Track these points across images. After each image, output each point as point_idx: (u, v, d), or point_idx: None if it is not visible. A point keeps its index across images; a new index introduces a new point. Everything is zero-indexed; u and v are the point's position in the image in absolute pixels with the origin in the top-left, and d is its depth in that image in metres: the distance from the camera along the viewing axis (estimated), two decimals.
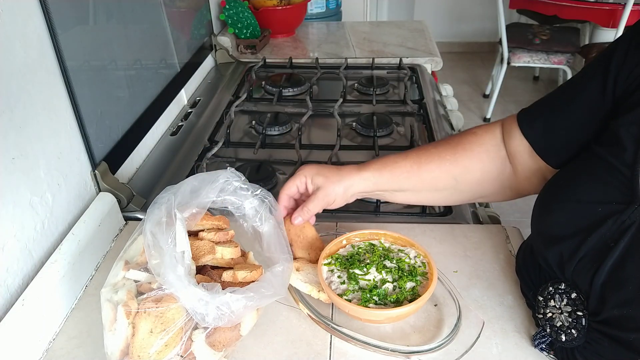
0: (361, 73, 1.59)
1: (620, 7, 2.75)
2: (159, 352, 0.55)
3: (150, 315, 0.55)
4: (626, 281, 0.53)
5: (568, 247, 0.58)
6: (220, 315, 0.55)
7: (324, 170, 0.75)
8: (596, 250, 0.55)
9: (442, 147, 0.76)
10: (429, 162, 0.74)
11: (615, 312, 0.54)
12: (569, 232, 0.58)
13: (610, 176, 0.56)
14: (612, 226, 0.54)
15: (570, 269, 0.58)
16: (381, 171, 0.75)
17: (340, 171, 0.75)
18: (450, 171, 0.74)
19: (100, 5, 0.97)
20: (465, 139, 0.75)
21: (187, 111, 1.35)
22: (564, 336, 0.60)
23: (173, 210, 0.60)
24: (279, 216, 0.70)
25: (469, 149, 0.74)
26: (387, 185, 0.76)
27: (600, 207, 0.55)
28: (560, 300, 0.61)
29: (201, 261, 0.64)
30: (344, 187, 0.74)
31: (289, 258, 0.66)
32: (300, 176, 0.75)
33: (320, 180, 0.74)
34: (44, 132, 0.76)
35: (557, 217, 0.60)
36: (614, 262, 0.54)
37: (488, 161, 0.74)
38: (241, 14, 1.71)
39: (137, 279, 0.60)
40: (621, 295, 0.53)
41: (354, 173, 0.74)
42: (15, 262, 0.69)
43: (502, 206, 2.55)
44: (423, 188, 0.76)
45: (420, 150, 0.77)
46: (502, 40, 3.11)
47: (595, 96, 0.62)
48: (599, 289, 0.55)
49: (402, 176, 0.75)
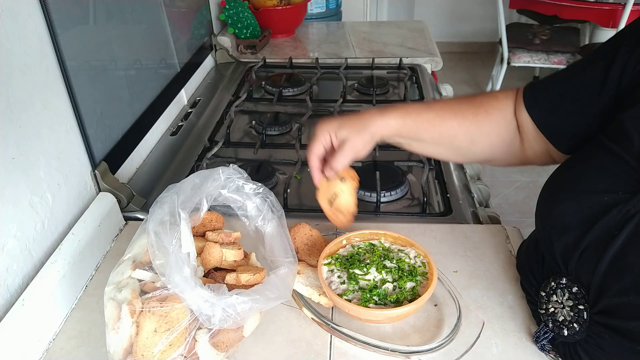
0: (361, 73, 1.59)
1: (620, 7, 2.75)
2: (163, 351, 0.55)
3: (154, 315, 0.55)
4: (627, 269, 0.53)
5: (573, 237, 0.58)
6: (226, 317, 0.56)
7: (346, 121, 0.73)
8: (600, 239, 0.55)
9: (465, 105, 0.75)
10: (452, 118, 0.74)
11: (616, 300, 0.54)
12: (575, 222, 0.58)
13: (617, 166, 0.56)
14: (616, 215, 0.54)
15: (574, 259, 0.58)
16: (405, 118, 0.73)
17: (363, 118, 0.73)
18: (469, 131, 0.73)
19: (100, 5, 0.97)
20: (487, 101, 0.75)
21: (187, 111, 1.35)
22: (566, 330, 0.60)
23: (177, 210, 0.60)
24: (281, 216, 0.70)
25: (490, 113, 0.73)
26: (408, 133, 0.74)
27: (607, 196, 0.56)
28: (562, 295, 0.61)
29: (210, 266, 0.64)
30: (371, 134, 0.72)
31: (294, 261, 0.66)
32: (324, 133, 0.73)
33: (345, 133, 0.72)
34: (44, 132, 0.76)
35: (564, 207, 0.60)
36: (616, 250, 0.54)
37: (504, 127, 0.73)
38: (241, 14, 1.71)
39: (142, 278, 0.60)
40: (621, 283, 0.53)
41: (377, 118, 0.73)
42: (15, 262, 0.69)
43: (502, 206, 2.56)
44: (441, 142, 0.76)
45: (445, 104, 0.77)
46: (502, 40, 3.11)
47: (598, 85, 0.62)
48: (600, 278, 0.55)
49: (423, 126, 0.74)
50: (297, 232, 0.79)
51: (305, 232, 0.80)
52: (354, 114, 0.74)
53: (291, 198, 0.98)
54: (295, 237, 0.79)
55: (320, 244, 0.79)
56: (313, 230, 0.80)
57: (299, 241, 0.79)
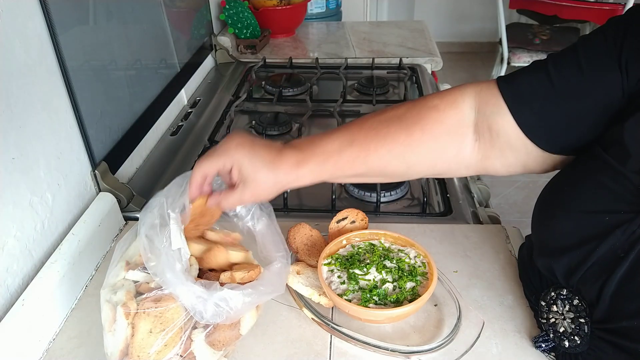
0: (361, 73, 1.59)
1: (620, 7, 2.75)
2: (159, 352, 0.55)
3: (149, 316, 0.55)
4: (637, 293, 0.51)
5: (576, 258, 0.56)
6: (218, 312, 0.55)
7: (256, 157, 0.62)
8: (605, 260, 0.53)
9: (396, 124, 0.64)
10: (380, 147, 0.64)
11: (625, 324, 0.53)
12: (575, 242, 0.56)
13: (616, 183, 0.53)
14: (621, 237, 0.52)
15: (576, 278, 0.57)
16: (324, 165, 0.64)
17: (275, 163, 0.62)
18: (403, 156, 0.64)
19: (100, 5, 0.97)
20: (424, 115, 0.64)
21: (187, 111, 1.35)
22: (567, 342, 0.59)
23: (166, 212, 0.60)
24: (270, 213, 0.68)
25: (427, 130, 0.63)
26: (328, 177, 0.66)
27: (608, 216, 0.53)
28: (562, 306, 0.60)
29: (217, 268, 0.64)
30: (277, 188, 0.64)
31: (286, 255, 0.66)
32: (227, 158, 0.62)
33: (250, 172, 0.62)
34: (44, 132, 0.76)
35: (562, 226, 0.58)
36: (623, 273, 0.52)
37: (447, 142, 0.64)
38: (241, 14, 1.71)
39: (137, 279, 0.60)
40: (632, 307, 0.52)
41: (291, 169, 0.63)
42: (15, 262, 0.69)
43: (502, 206, 2.56)
44: (368, 174, 0.67)
45: (370, 130, 0.65)
46: (502, 40, 3.10)
47: (613, 90, 0.56)
48: (609, 300, 0.54)
49: (346, 166, 0.65)
50: (297, 232, 0.79)
51: (305, 232, 0.80)
52: (268, 149, 0.63)
53: (291, 198, 0.98)
54: (295, 237, 0.79)
55: (320, 244, 0.79)
56: (313, 231, 0.80)
57: (299, 241, 0.79)
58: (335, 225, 0.80)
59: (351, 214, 0.81)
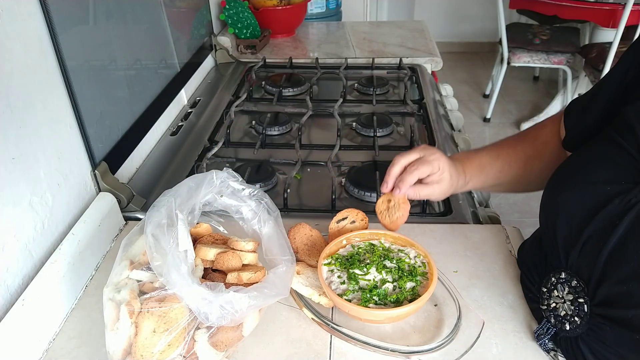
0: (361, 73, 1.59)
1: (620, 7, 2.74)
2: (162, 351, 0.55)
3: (153, 315, 0.55)
4: (627, 258, 0.54)
5: (576, 225, 0.59)
6: (223, 315, 0.56)
7: (452, 167, 0.76)
8: (602, 229, 0.56)
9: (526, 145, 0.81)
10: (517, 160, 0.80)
11: (615, 289, 0.55)
12: (579, 211, 0.59)
13: (621, 157, 0.58)
14: (618, 205, 0.55)
15: (576, 250, 0.59)
16: (479, 176, 0.80)
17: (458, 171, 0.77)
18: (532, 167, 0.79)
19: (100, 5, 0.97)
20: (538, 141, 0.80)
21: (187, 111, 1.35)
22: (568, 325, 0.61)
23: (174, 212, 0.60)
24: (277, 217, 0.70)
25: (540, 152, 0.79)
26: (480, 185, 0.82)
27: (610, 186, 0.57)
28: (562, 290, 0.62)
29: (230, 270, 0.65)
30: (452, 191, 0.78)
31: (291, 259, 0.66)
32: (435, 165, 0.74)
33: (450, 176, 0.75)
34: (44, 132, 0.76)
35: (569, 195, 0.61)
36: (616, 240, 0.55)
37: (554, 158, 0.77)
38: (241, 14, 1.71)
39: (140, 278, 0.60)
40: (621, 272, 0.54)
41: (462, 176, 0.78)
42: (15, 262, 0.69)
43: (502, 206, 2.56)
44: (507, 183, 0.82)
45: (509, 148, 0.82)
46: (502, 40, 3.11)
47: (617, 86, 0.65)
48: (601, 268, 0.56)
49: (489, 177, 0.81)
50: (297, 232, 0.79)
51: (305, 232, 0.80)
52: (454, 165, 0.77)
53: (291, 198, 0.98)
54: (295, 237, 0.79)
55: (320, 244, 0.79)
56: (313, 231, 0.80)
57: (299, 241, 0.79)
58: (335, 225, 0.80)
59: (351, 214, 0.81)
